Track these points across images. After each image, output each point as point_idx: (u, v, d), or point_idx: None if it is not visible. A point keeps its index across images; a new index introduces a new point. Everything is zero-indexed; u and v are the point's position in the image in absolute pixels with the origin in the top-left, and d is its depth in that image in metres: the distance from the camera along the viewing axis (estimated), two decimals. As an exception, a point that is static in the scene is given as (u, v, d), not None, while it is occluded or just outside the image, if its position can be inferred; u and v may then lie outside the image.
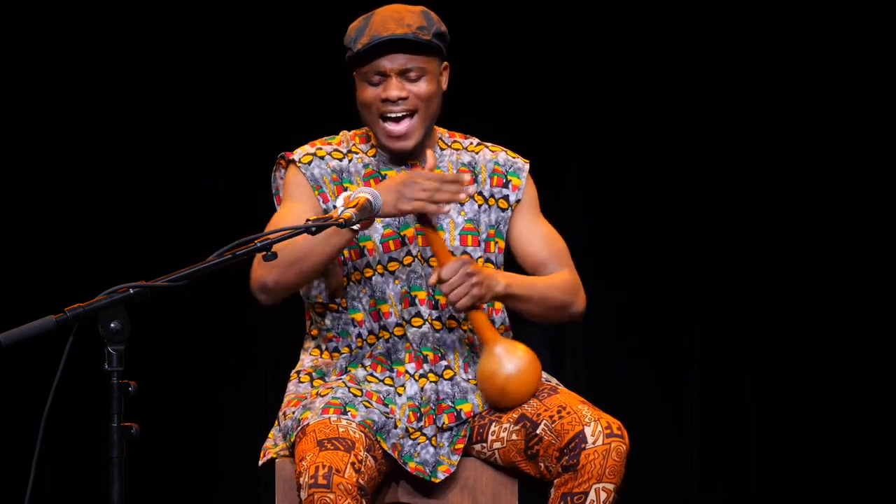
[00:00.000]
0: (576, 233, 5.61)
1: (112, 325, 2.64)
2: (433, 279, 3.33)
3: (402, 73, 3.42)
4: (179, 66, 5.65)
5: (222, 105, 5.67)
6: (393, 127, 3.43)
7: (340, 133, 3.58)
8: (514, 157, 3.61)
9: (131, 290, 2.67)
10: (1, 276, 5.59)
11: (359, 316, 3.47)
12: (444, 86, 3.51)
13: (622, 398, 5.48)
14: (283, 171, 3.55)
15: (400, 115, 3.42)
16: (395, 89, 3.41)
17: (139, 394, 2.66)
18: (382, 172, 3.49)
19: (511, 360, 3.35)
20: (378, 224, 3.43)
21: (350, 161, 3.51)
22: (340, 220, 3.12)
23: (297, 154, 3.51)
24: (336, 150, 3.53)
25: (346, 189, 3.47)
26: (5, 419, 5.55)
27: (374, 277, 3.44)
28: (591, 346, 5.64)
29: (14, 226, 5.61)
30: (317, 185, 3.48)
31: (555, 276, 3.53)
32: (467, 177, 3.35)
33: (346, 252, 3.44)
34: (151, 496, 5.52)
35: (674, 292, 5.64)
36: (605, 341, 5.64)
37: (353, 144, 3.54)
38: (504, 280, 3.39)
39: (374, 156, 3.52)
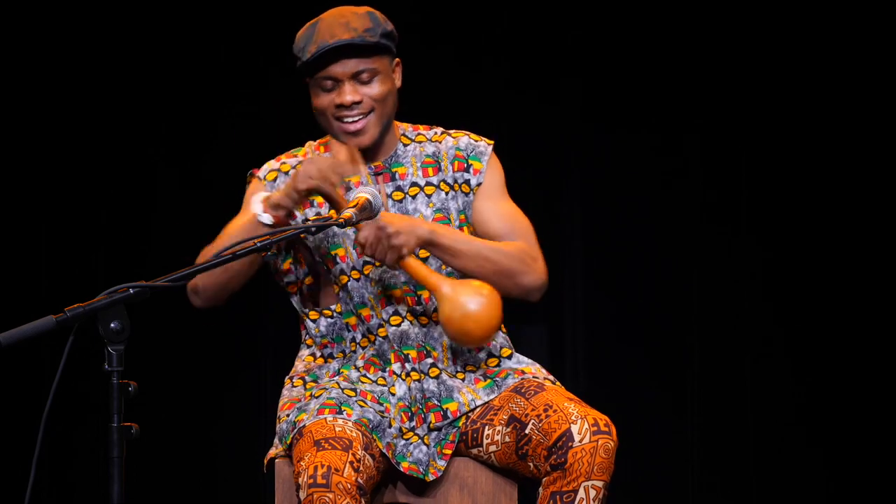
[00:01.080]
0: (576, 233, 5.61)
1: (112, 325, 2.64)
2: (358, 250, 3.32)
3: (355, 77, 3.41)
4: (180, 66, 5.66)
5: (222, 105, 5.68)
6: (349, 125, 3.43)
7: (306, 144, 3.59)
8: (476, 140, 3.56)
9: (131, 290, 2.67)
10: (1, 276, 5.59)
11: (353, 320, 3.47)
12: (398, 82, 3.50)
13: (622, 397, 5.48)
14: (249, 182, 3.57)
15: (356, 118, 3.42)
16: (348, 94, 3.40)
17: (139, 394, 2.66)
18: (346, 179, 3.49)
19: (465, 296, 3.26)
20: (349, 230, 3.43)
21: None
22: (340, 220, 3.12)
23: (263, 171, 3.53)
24: (300, 161, 3.52)
25: (312, 202, 3.47)
26: (5, 419, 5.56)
27: (349, 283, 3.44)
28: (591, 346, 5.64)
29: (14, 226, 5.61)
30: None
31: (506, 242, 3.45)
32: (361, 162, 3.35)
33: (325, 261, 3.44)
34: (151, 496, 5.53)
35: (674, 292, 5.64)
36: (605, 341, 5.65)
37: (318, 154, 3.54)
38: (428, 226, 3.33)
39: None
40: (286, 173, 3.50)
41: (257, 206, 3.28)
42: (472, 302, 3.24)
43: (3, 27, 5.57)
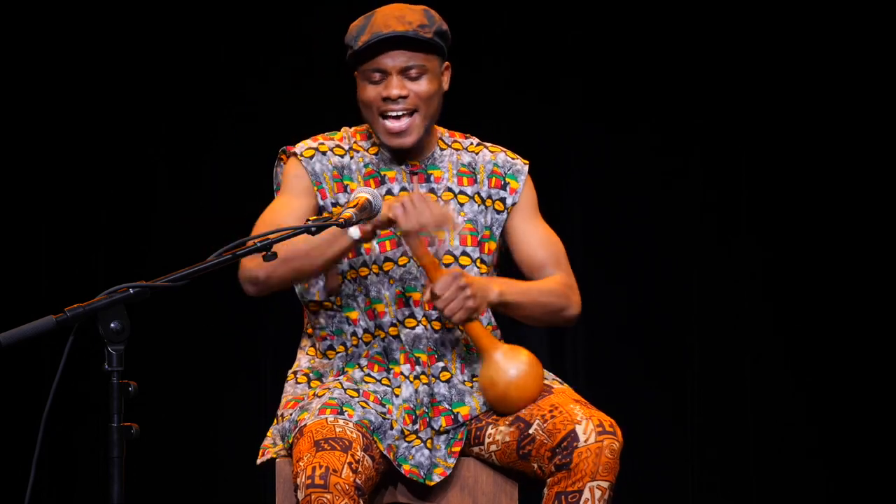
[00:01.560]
0: (576, 233, 5.61)
1: (112, 325, 2.64)
2: (426, 296, 3.32)
3: (403, 72, 3.41)
4: (180, 66, 5.65)
5: (222, 106, 5.68)
6: (392, 124, 3.42)
7: (342, 129, 3.58)
8: (513, 159, 3.60)
9: (131, 290, 2.67)
10: (1, 276, 5.59)
11: (354, 315, 3.46)
12: (446, 85, 3.51)
13: (622, 398, 5.48)
14: (283, 165, 3.55)
15: (400, 113, 3.42)
16: (395, 87, 3.40)
17: (139, 394, 2.66)
18: (382, 172, 3.49)
19: (512, 364, 3.34)
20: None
21: (352, 158, 3.51)
22: (340, 220, 3.11)
23: (300, 147, 3.50)
24: (338, 146, 3.52)
25: (346, 186, 3.47)
26: (5, 419, 5.56)
27: (368, 276, 3.44)
28: (591, 346, 5.64)
29: (14, 226, 5.61)
30: (317, 180, 3.47)
31: (549, 279, 3.51)
32: (460, 220, 3.37)
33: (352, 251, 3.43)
34: (151, 496, 5.53)
35: (674, 293, 5.64)
36: (605, 341, 5.64)
37: (355, 142, 3.54)
38: (497, 288, 3.37)
39: (375, 154, 3.52)
40: (324, 153, 3.48)
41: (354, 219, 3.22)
42: (517, 371, 3.33)
43: (3, 27, 5.57)
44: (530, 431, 3.31)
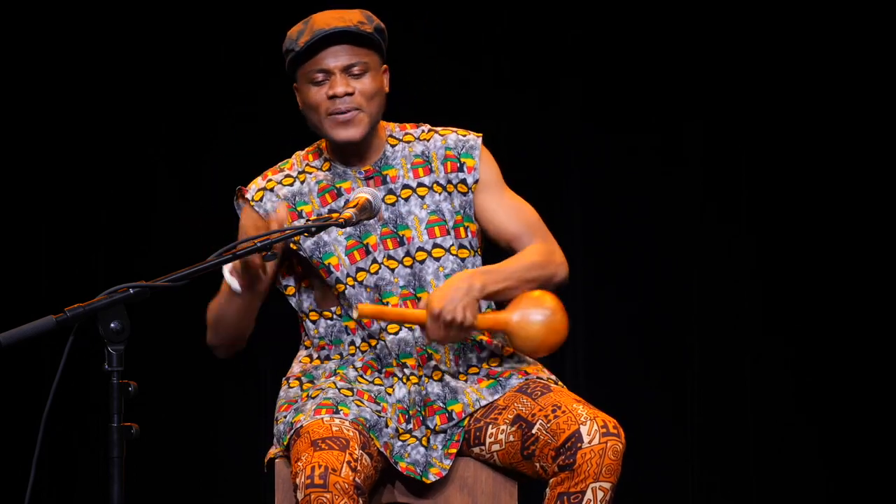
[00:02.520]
0: (576, 233, 5.61)
1: (112, 325, 2.64)
2: (426, 341, 3.37)
3: (346, 70, 3.42)
4: (179, 66, 5.65)
5: (222, 106, 5.68)
6: (340, 116, 3.42)
7: (294, 156, 3.58)
8: (464, 136, 3.56)
9: (131, 290, 2.67)
10: (1, 276, 5.59)
11: (352, 324, 3.47)
12: (387, 87, 3.50)
13: (622, 397, 5.48)
14: (241, 201, 3.56)
15: (346, 111, 3.41)
16: (340, 85, 3.40)
17: (139, 394, 2.66)
18: (337, 185, 3.48)
19: (532, 322, 3.33)
20: (340, 236, 3.42)
21: (303, 182, 3.51)
22: (340, 220, 3.11)
23: (251, 191, 3.53)
24: (287, 175, 3.52)
25: (300, 213, 3.47)
26: (5, 419, 5.56)
27: (346, 290, 3.44)
28: (591, 346, 5.64)
29: (14, 226, 5.61)
30: (270, 219, 3.47)
31: (528, 251, 3.47)
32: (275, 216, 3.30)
33: (320, 271, 3.44)
34: (151, 496, 5.52)
35: (674, 292, 5.64)
36: (605, 341, 5.64)
37: (307, 164, 3.53)
38: (479, 283, 3.33)
39: (328, 169, 3.51)
40: (271, 190, 3.50)
41: (227, 276, 3.32)
42: (542, 317, 3.33)
43: (4, 27, 5.57)
44: (533, 431, 3.31)
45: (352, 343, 3.47)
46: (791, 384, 5.63)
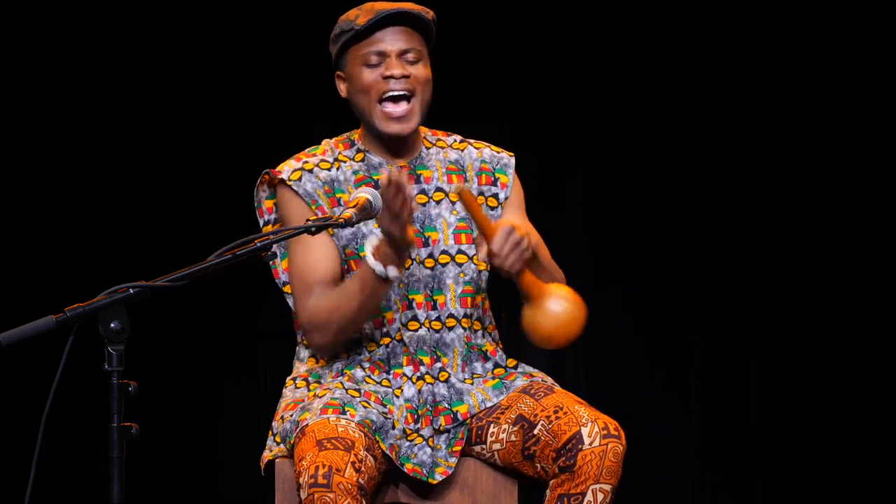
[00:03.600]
0: (579, 233, 5.61)
1: (112, 325, 2.64)
2: (482, 254, 3.29)
3: (402, 55, 3.41)
4: (179, 66, 5.65)
5: (222, 105, 5.68)
6: (393, 108, 3.40)
7: (323, 143, 3.53)
8: (498, 153, 3.58)
9: (131, 290, 2.67)
10: (1, 276, 5.59)
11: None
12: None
13: (625, 397, 5.48)
14: (265, 186, 3.52)
15: (400, 93, 3.39)
16: (396, 67, 3.39)
17: (139, 394, 2.66)
18: (374, 178, 3.46)
19: (557, 303, 3.32)
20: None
21: (338, 170, 3.48)
22: (340, 220, 3.10)
23: (286, 172, 3.45)
24: (322, 160, 3.48)
25: (339, 200, 3.44)
26: (5, 419, 5.56)
27: None
28: (593, 346, 5.63)
29: (14, 226, 5.61)
30: (312, 199, 3.43)
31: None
32: (385, 172, 3.28)
33: (350, 262, 3.42)
34: (151, 496, 5.52)
35: (678, 292, 5.64)
36: (608, 341, 5.64)
37: (339, 153, 3.50)
38: (532, 242, 3.33)
39: (361, 160, 3.49)
40: (310, 171, 3.45)
41: (377, 264, 3.23)
42: (561, 308, 3.33)
43: (4, 27, 5.57)
44: (535, 432, 3.31)
45: (358, 342, 3.45)
46: (795, 384, 5.62)
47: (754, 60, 5.60)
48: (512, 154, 3.58)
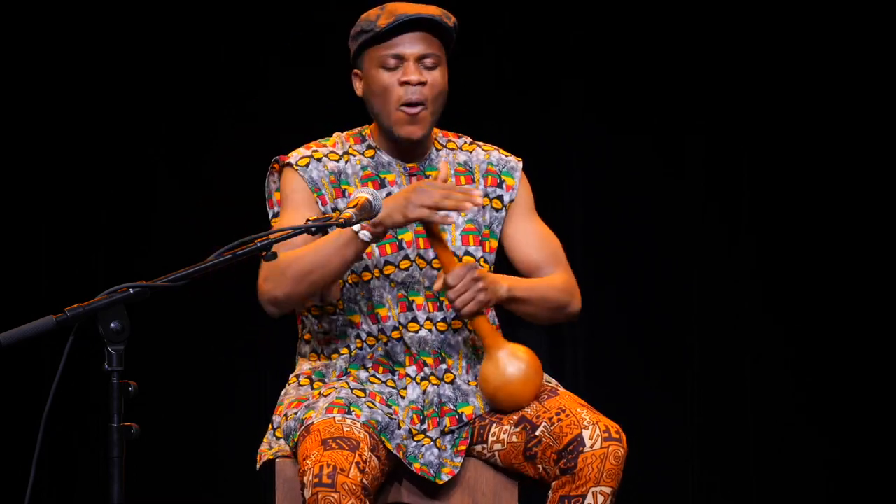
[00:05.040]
0: (577, 233, 5.61)
1: (112, 325, 2.64)
2: (438, 285, 3.31)
3: (420, 59, 3.41)
4: (179, 66, 5.65)
5: (222, 106, 5.67)
6: (409, 109, 3.40)
7: (334, 135, 3.55)
8: (506, 156, 3.59)
9: (131, 290, 2.67)
10: (1, 276, 5.59)
11: (356, 318, 3.45)
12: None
13: (622, 398, 5.48)
14: (276, 175, 3.53)
15: (416, 100, 3.40)
16: (414, 73, 3.39)
17: (139, 394, 2.66)
18: (381, 175, 3.47)
19: (513, 363, 3.34)
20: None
21: (347, 162, 3.49)
22: (340, 220, 3.10)
23: (294, 157, 3.48)
24: (332, 151, 3.50)
25: (344, 191, 3.45)
26: (5, 419, 5.56)
27: (371, 281, 3.43)
28: (591, 347, 5.63)
29: (14, 226, 5.61)
30: (315, 187, 3.45)
31: (553, 277, 3.52)
32: (477, 192, 3.29)
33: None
34: (151, 496, 5.52)
35: (674, 292, 5.64)
36: (606, 341, 5.64)
37: (349, 146, 3.51)
38: (506, 283, 3.37)
39: (371, 157, 3.50)
40: (319, 160, 3.47)
41: (356, 225, 3.22)
42: (514, 368, 3.34)
43: (3, 27, 5.57)
44: (537, 433, 3.31)
45: (357, 336, 3.46)
46: (791, 384, 5.63)
47: (752, 61, 5.61)
48: (520, 159, 3.59)
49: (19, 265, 5.62)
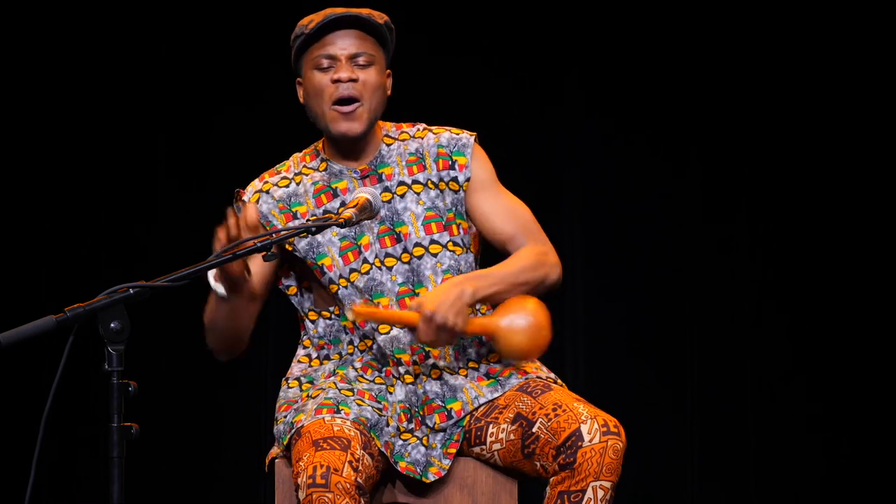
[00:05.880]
0: (576, 234, 5.61)
1: (112, 325, 2.64)
2: (417, 344, 3.36)
3: (352, 59, 3.43)
4: (179, 65, 5.66)
5: (222, 106, 5.68)
6: (343, 107, 3.42)
7: (291, 157, 3.59)
8: (457, 134, 3.55)
9: (131, 290, 2.67)
10: (1, 276, 5.59)
11: (350, 323, 3.47)
12: (389, 90, 3.51)
13: (621, 398, 5.48)
14: (237, 204, 3.56)
15: (348, 97, 3.41)
16: (345, 71, 3.42)
17: (139, 394, 2.66)
18: (333, 186, 3.49)
19: (516, 321, 3.31)
20: (335, 237, 3.43)
21: (299, 184, 3.51)
22: (340, 220, 3.11)
23: (248, 193, 3.54)
24: (283, 177, 3.53)
25: (295, 213, 3.48)
26: (5, 419, 5.56)
27: (339, 291, 3.44)
28: (590, 347, 5.64)
29: (14, 226, 5.61)
30: (266, 220, 3.48)
31: (521, 254, 3.46)
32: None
33: (314, 272, 3.45)
34: (151, 496, 5.53)
35: (674, 293, 5.64)
36: (605, 341, 5.64)
37: (304, 165, 3.54)
38: (470, 288, 3.31)
39: (324, 170, 3.52)
40: (267, 192, 3.51)
41: (212, 282, 3.28)
42: (526, 323, 3.31)
43: (3, 27, 5.57)
44: (534, 430, 3.31)
45: (350, 342, 3.47)
46: (791, 385, 5.63)
47: (751, 62, 5.61)
48: (473, 133, 3.56)
49: (19, 265, 5.62)
